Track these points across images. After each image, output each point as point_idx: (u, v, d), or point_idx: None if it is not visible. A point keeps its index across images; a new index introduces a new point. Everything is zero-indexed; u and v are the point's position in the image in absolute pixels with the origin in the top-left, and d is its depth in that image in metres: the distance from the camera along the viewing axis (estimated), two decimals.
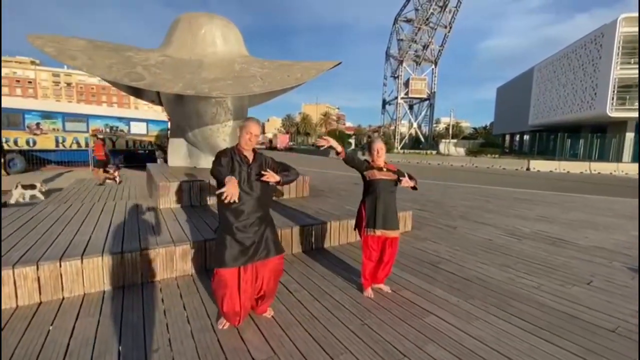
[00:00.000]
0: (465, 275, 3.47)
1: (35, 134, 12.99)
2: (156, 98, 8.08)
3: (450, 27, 37.75)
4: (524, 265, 3.82)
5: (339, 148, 2.95)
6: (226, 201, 1.97)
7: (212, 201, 5.26)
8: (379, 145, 2.98)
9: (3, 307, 2.58)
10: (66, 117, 14.01)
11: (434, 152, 36.54)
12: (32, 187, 7.49)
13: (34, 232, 3.57)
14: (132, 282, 3.06)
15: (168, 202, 4.97)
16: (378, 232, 2.93)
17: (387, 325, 2.48)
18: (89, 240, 3.33)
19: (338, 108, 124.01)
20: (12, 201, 7.18)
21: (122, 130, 15.78)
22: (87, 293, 2.88)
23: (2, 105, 12.31)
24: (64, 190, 7.11)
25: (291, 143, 67.97)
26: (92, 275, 2.90)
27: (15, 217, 4.23)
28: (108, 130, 15.34)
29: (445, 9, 36.06)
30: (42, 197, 7.33)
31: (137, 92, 7.90)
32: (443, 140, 41.14)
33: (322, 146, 2.94)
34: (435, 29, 38.28)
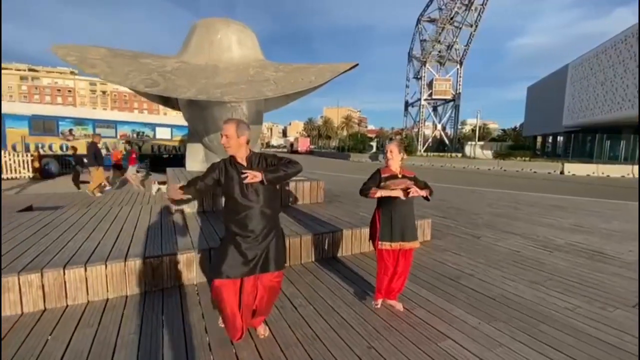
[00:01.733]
0: (489, 293, 3.16)
1: (68, 140, 13.69)
2: (176, 104, 8.23)
3: (476, 26, 36.46)
4: (557, 283, 3.43)
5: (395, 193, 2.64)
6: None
7: None
8: (391, 147, 2.73)
9: (9, 313, 2.59)
10: (96, 123, 14.69)
11: (459, 155, 35.27)
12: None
13: (46, 238, 3.63)
14: (136, 291, 3.00)
15: (185, 206, 4.95)
16: (394, 245, 2.70)
17: (396, 349, 2.24)
18: (96, 247, 3.32)
19: (359, 111, 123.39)
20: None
21: (147, 136, 16.34)
22: (90, 301, 2.85)
23: (38, 113, 13.09)
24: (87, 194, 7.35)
25: (312, 146, 68.26)
26: (96, 283, 2.86)
27: (33, 222, 4.35)
28: (135, 135, 15.93)
29: (470, 7, 34.90)
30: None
31: (165, 101, 8.07)
32: (469, 143, 39.68)
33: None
34: (460, 28, 37.11)
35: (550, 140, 41.93)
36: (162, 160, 16.48)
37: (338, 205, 5.76)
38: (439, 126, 43.54)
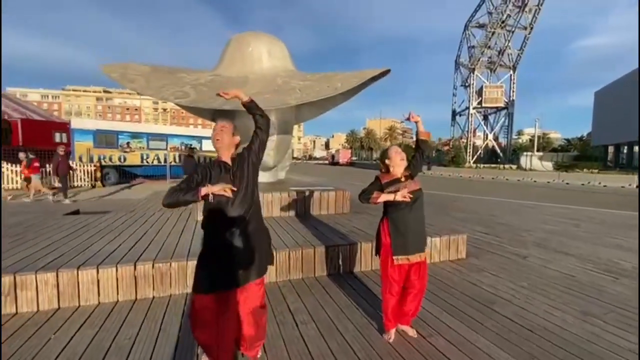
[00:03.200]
0: (527, 323, 2.65)
1: (125, 152, 15.08)
2: (215, 116, 8.59)
3: (531, 28, 33.85)
4: (619, 317, 2.79)
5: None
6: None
7: None
8: (390, 153, 2.45)
9: (26, 309, 2.73)
10: (150, 136, 16.00)
11: (514, 166, 32.45)
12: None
13: (77, 239, 3.86)
14: (144, 295, 3.02)
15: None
16: (413, 258, 2.38)
17: None
18: (114, 250, 3.43)
19: (402, 122, 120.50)
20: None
21: (194, 148, 17.41)
22: (101, 303, 2.91)
23: (101, 128, 14.66)
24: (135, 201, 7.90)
25: (354, 158, 67.86)
26: (107, 285, 2.93)
27: (71, 224, 4.70)
28: (183, 147, 17.07)
29: (524, 9, 32.59)
30: None
31: (210, 114, 8.47)
32: (525, 153, 36.42)
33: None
34: (513, 32, 34.72)
35: (625, 150, 36.91)
36: None
37: (364, 217, 5.45)
38: (491, 136, 40.71)
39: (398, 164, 2.41)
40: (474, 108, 38.64)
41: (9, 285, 2.68)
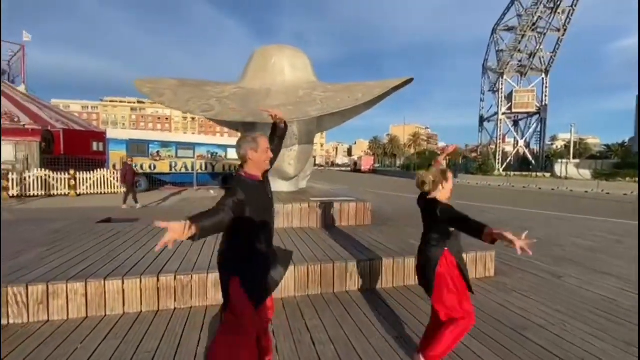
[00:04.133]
0: (563, 354, 2.45)
1: (155, 160, 15.76)
2: (240, 127, 8.80)
3: (565, 30, 32.29)
4: None
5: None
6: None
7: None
8: (430, 177, 2.29)
9: (56, 317, 2.86)
10: (179, 146, 16.64)
11: (547, 174, 30.77)
12: None
13: (106, 248, 4.02)
14: (166, 306, 3.08)
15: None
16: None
17: None
18: (139, 261, 3.54)
19: (427, 127, 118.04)
20: None
21: (220, 156, 17.91)
22: (126, 313, 3.00)
23: (134, 137, 15.45)
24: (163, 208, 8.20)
25: (377, 165, 67.15)
26: (131, 296, 3.02)
27: (102, 232, 4.91)
28: (209, 156, 17.60)
29: (556, 10, 31.19)
30: None
31: (237, 125, 8.70)
32: (560, 161, 34.48)
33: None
34: (545, 34, 33.26)
35: None
36: (232, 177, 17.88)
37: (385, 230, 5.33)
38: (522, 142, 38.95)
39: (441, 189, 2.23)
40: (503, 114, 37.22)
41: (41, 293, 2.82)
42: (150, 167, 15.63)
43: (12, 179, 12.15)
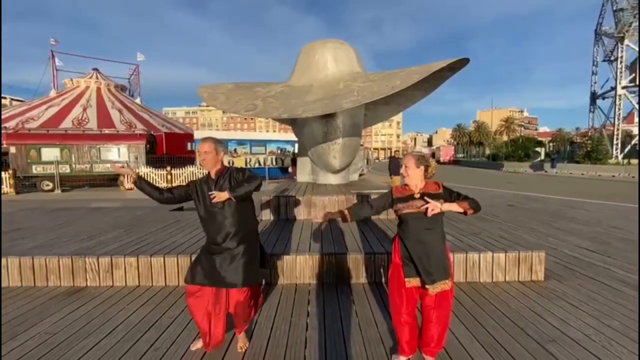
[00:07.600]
0: None
1: (233, 157, 17.59)
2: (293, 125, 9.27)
3: None
4: None
5: (337, 216, 2.38)
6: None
7: (301, 216, 5.46)
8: (406, 161, 2.19)
9: (118, 284, 3.59)
10: (252, 143, 18.23)
11: None
12: None
13: (165, 232, 4.81)
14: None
15: (267, 214, 5.54)
16: (413, 282, 2.13)
17: None
18: (184, 242, 4.16)
19: (521, 111, 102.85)
20: None
21: (288, 151, 18.97)
22: (168, 285, 3.59)
23: (214, 136, 17.47)
24: None
25: (460, 155, 61.73)
26: (171, 271, 3.60)
27: (170, 218, 5.82)
28: (279, 151, 18.82)
29: None
30: None
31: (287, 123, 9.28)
32: None
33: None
34: None
35: None
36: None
37: None
38: None
39: (411, 175, 2.17)
40: (623, 87, 30.24)
41: (107, 264, 3.59)
42: (229, 163, 17.45)
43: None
